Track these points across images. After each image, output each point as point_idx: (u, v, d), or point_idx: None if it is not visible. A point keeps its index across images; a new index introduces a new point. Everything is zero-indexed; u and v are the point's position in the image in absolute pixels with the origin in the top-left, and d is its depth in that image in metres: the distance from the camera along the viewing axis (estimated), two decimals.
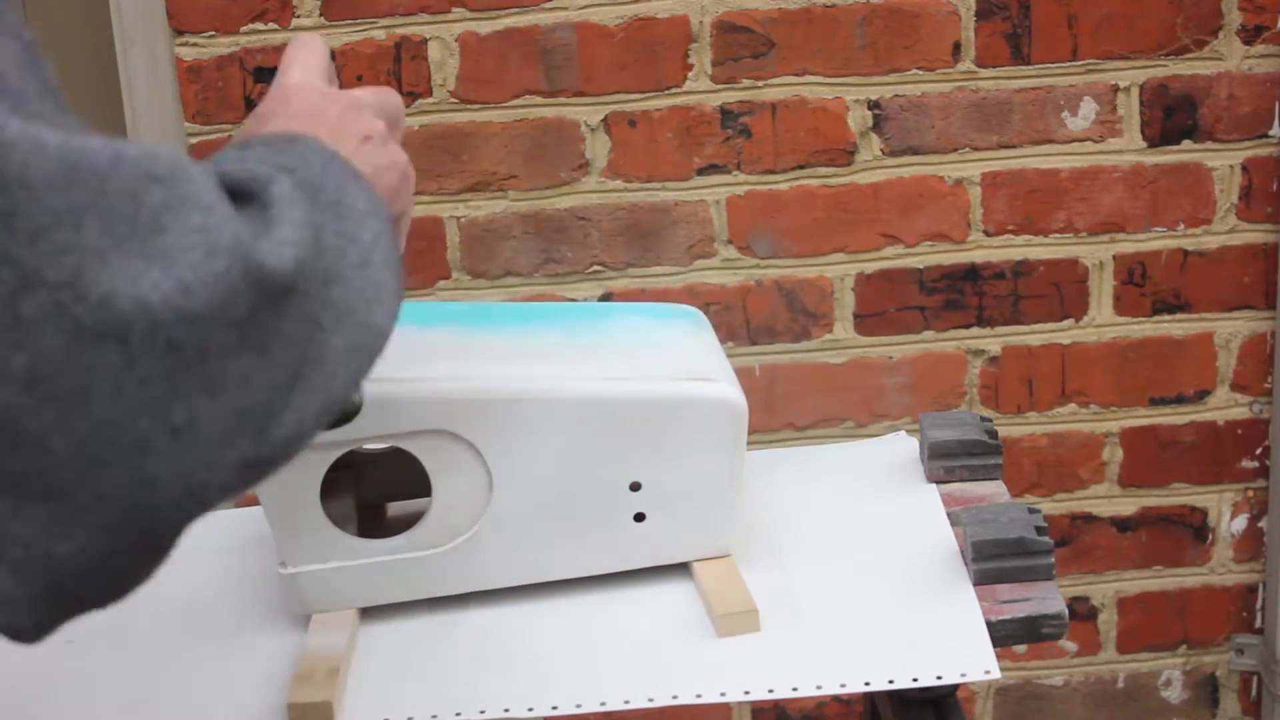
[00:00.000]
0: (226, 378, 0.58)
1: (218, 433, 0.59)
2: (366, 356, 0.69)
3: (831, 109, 1.90)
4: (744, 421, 1.14)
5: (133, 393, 0.56)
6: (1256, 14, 1.89)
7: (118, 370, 0.55)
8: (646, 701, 1.03)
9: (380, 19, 1.87)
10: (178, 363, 0.56)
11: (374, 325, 0.69)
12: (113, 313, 0.55)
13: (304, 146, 0.73)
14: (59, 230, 0.55)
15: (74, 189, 0.55)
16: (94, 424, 0.56)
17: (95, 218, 0.55)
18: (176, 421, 0.57)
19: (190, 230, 0.57)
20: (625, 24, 1.88)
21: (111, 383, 0.55)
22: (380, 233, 0.72)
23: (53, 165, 0.55)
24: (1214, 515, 2.06)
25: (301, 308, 0.63)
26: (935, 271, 1.96)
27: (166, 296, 0.56)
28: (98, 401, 0.55)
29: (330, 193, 0.70)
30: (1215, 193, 1.94)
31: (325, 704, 1.03)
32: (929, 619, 1.09)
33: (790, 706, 2.09)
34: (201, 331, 0.57)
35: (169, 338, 0.56)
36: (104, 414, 0.56)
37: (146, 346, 0.56)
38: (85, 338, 0.55)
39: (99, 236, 0.55)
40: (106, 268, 0.55)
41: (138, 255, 0.56)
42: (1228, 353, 2.00)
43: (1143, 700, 2.12)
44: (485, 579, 1.15)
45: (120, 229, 0.56)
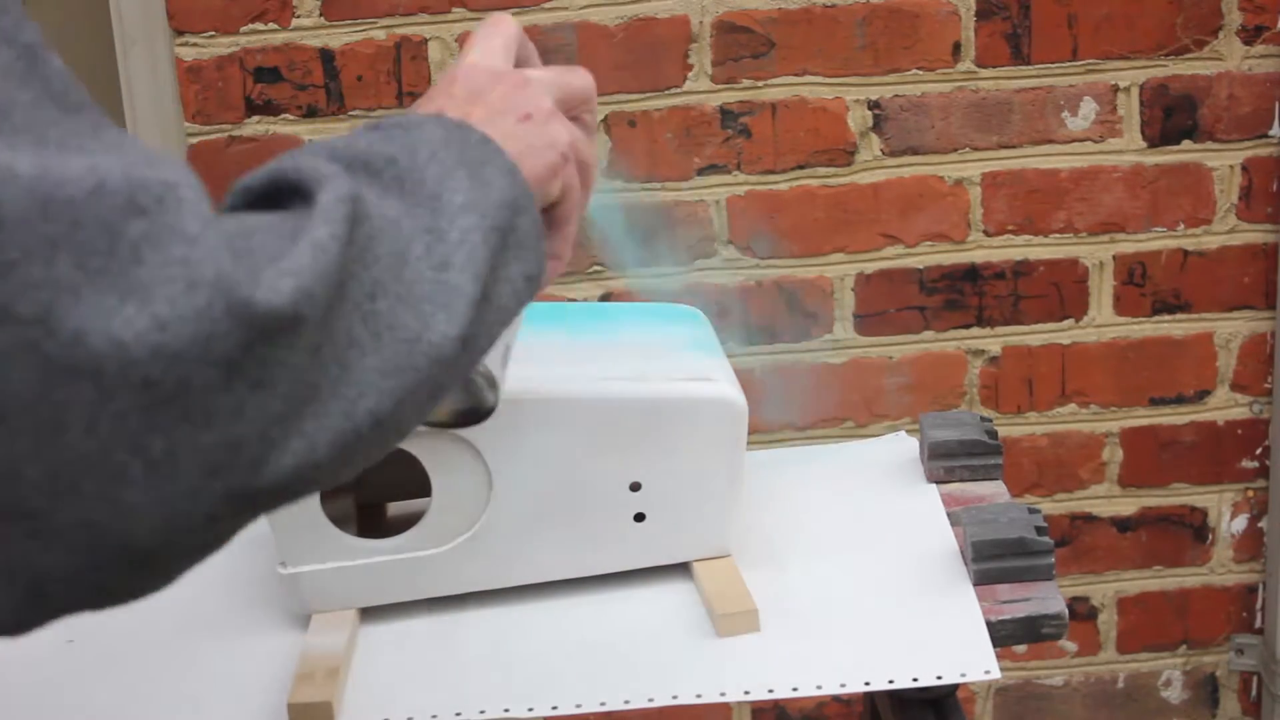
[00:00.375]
0: (213, 411, 0.56)
1: (202, 464, 0.57)
2: (411, 373, 0.64)
3: (831, 109, 1.90)
4: (744, 421, 1.14)
5: (107, 427, 0.54)
6: (1256, 14, 1.89)
7: (92, 406, 0.54)
8: (646, 701, 1.03)
9: (380, 19, 1.87)
10: (154, 399, 0.55)
11: (426, 338, 0.65)
12: (84, 350, 0.53)
13: (420, 133, 0.71)
14: (29, 265, 0.53)
15: (46, 222, 0.53)
16: (68, 456, 0.54)
17: (68, 252, 0.54)
18: (154, 454, 0.55)
19: (170, 263, 0.55)
20: (625, 24, 1.88)
21: (85, 417, 0.54)
22: (474, 229, 0.68)
23: (24, 198, 0.53)
24: (1214, 515, 2.06)
25: (313, 336, 0.60)
26: (935, 271, 1.96)
27: (140, 333, 0.54)
28: (72, 434, 0.54)
29: (429, 185, 0.68)
30: (1215, 193, 1.94)
31: (325, 704, 1.03)
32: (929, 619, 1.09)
33: (790, 706, 2.09)
34: (180, 369, 0.55)
35: (145, 375, 0.54)
36: (78, 446, 0.54)
37: (121, 383, 0.54)
38: (57, 374, 0.53)
39: (72, 271, 0.53)
40: (79, 303, 0.53)
41: (111, 290, 0.54)
42: (1228, 353, 2.00)
43: (1143, 700, 2.12)
44: (485, 579, 1.15)
45: (95, 263, 0.54)
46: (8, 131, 0.55)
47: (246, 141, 1.90)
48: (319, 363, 0.60)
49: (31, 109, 0.57)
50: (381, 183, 0.68)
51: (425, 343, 0.65)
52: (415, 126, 0.72)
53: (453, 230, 0.67)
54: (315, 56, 1.87)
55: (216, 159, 1.90)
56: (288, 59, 1.87)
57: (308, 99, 1.88)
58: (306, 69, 1.87)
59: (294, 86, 1.88)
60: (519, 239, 0.72)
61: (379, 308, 0.63)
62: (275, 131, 1.89)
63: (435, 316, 0.65)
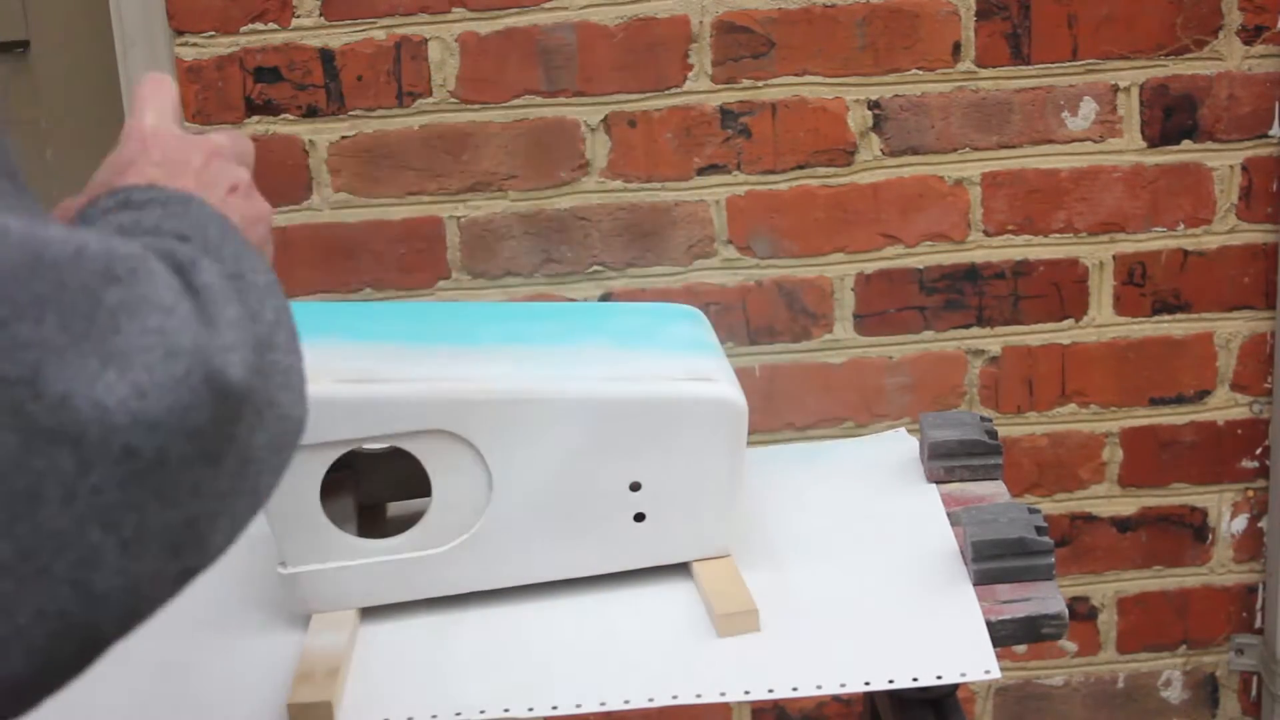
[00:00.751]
0: (180, 488, 0.56)
1: (165, 545, 0.56)
2: (288, 449, 0.65)
3: (831, 109, 1.90)
4: (744, 421, 1.14)
5: (85, 500, 0.53)
6: (1256, 14, 1.89)
7: (71, 476, 0.53)
8: (646, 701, 1.03)
9: (380, 19, 1.87)
10: (133, 471, 0.54)
11: (291, 415, 0.65)
12: (69, 414, 0.53)
13: (196, 210, 0.69)
14: (19, 323, 0.52)
15: (36, 281, 0.53)
16: (42, 533, 0.53)
17: (55, 313, 0.53)
18: (126, 533, 0.55)
19: (148, 332, 0.55)
20: (625, 24, 1.88)
21: (63, 488, 0.53)
22: (281, 309, 0.67)
23: (16, 255, 0.53)
24: (1214, 515, 2.06)
25: (249, 413, 0.60)
26: (935, 271, 1.96)
27: (122, 400, 0.54)
28: (47, 508, 0.53)
29: (230, 265, 0.66)
30: (1215, 193, 1.94)
31: (325, 704, 1.03)
32: (929, 619, 1.09)
33: (790, 706, 2.09)
34: (159, 439, 0.54)
35: (125, 444, 0.54)
36: (53, 522, 0.53)
37: (102, 452, 0.53)
38: (38, 440, 0.52)
39: (58, 332, 0.53)
40: (65, 366, 0.53)
41: (94, 355, 0.54)
42: (1228, 353, 2.00)
43: (1143, 700, 2.12)
44: (485, 579, 1.15)
45: (78, 326, 0.54)
46: None
47: None
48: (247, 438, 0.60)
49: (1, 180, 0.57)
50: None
51: (293, 420, 0.65)
52: (184, 201, 0.70)
53: (266, 310, 0.65)
54: (315, 56, 1.87)
55: None
56: (288, 59, 1.87)
57: (308, 99, 1.88)
58: (306, 69, 1.87)
59: (294, 86, 1.88)
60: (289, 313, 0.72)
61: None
62: (275, 131, 1.89)
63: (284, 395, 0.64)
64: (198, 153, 0.78)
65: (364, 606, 1.14)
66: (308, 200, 1.91)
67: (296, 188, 1.91)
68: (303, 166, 1.90)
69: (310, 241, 1.92)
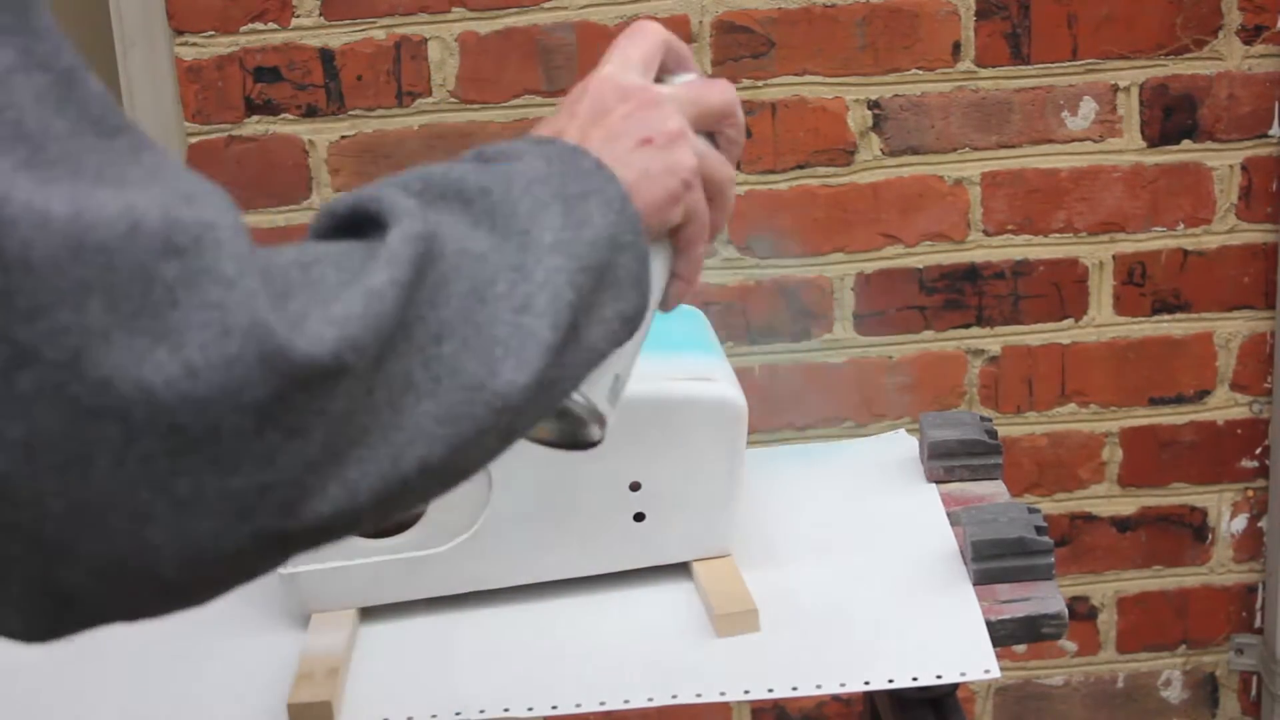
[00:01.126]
0: (242, 457, 0.55)
1: (230, 507, 0.56)
2: (469, 421, 0.63)
3: (831, 109, 1.90)
4: (744, 421, 1.14)
5: (134, 467, 0.54)
6: (1256, 14, 1.89)
7: (118, 446, 0.53)
8: (646, 701, 1.03)
9: (380, 19, 1.87)
10: (182, 443, 0.54)
11: (491, 386, 0.62)
12: (112, 395, 0.53)
13: (520, 164, 0.69)
14: (59, 310, 0.52)
15: (78, 266, 0.52)
16: (94, 492, 0.54)
17: (100, 296, 0.53)
18: (180, 495, 0.55)
19: (205, 306, 0.54)
20: (625, 24, 1.87)
21: (112, 456, 0.53)
22: (560, 270, 0.65)
23: (57, 242, 0.52)
24: (1214, 515, 2.06)
25: (361, 382, 0.58)
26: (935, 271, 1.96)
27: (170, 380, 0.53)
28: (98, 471, 0.53)
29: (520, 220, 0.65)
30: (1215, 193, 1.94)
31: (325, 704, 1.03)
32: (929, 619, 1.09)
33: (790, 706, 2.09)
34: (209, 416, 0.54)
35: (172, 422, 0.53)
36: (104, 484, 0.54)
37: (148, 428, 0.53)
38: (84, 415, 0.53)
39: (103, 315, 0.53)
40: (109, 348, 0.53)
41: (145, 333, 0.53)
42: (1227, 353, 2.00)
43: (1143, 700, 2.12)
44: (485, 579, 1.15)
45: (128, 306, 0.53)
46: (43, 165, 0.54)
47: (246, 141, 1.90)
48: (369, 407, 0.59)
49: (68, 138, 0.56)
50: (472, 214, 0.66)
51: (489, 391, 0.63)
52: (518, 156, 0.70)
53: (539, 270, 0.65)
54: (315, 56, 1.87)
55: (216, 159, 1.90)
56: (287, 59, 1.87)
57: (307, 99, 1.88)
58: (306, 69, 1.87)
59: (294, 86, 1.88)
60: (616, 277, 0.70)
61: (443, 351, 0.62)
62: (275, 131, 1.89)
63: (504, 362, 0.63)
64: (627, 103, 0.77)
65: (364, 606, 1.14)
66: (308, 200, 1.91)
67: (296, 188, 1.91)
68: (303, 166, 1.90)
69: None
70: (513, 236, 0.65)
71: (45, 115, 0.55)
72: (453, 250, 0.63)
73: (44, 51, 0.56)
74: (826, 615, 1.11)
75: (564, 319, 0.66)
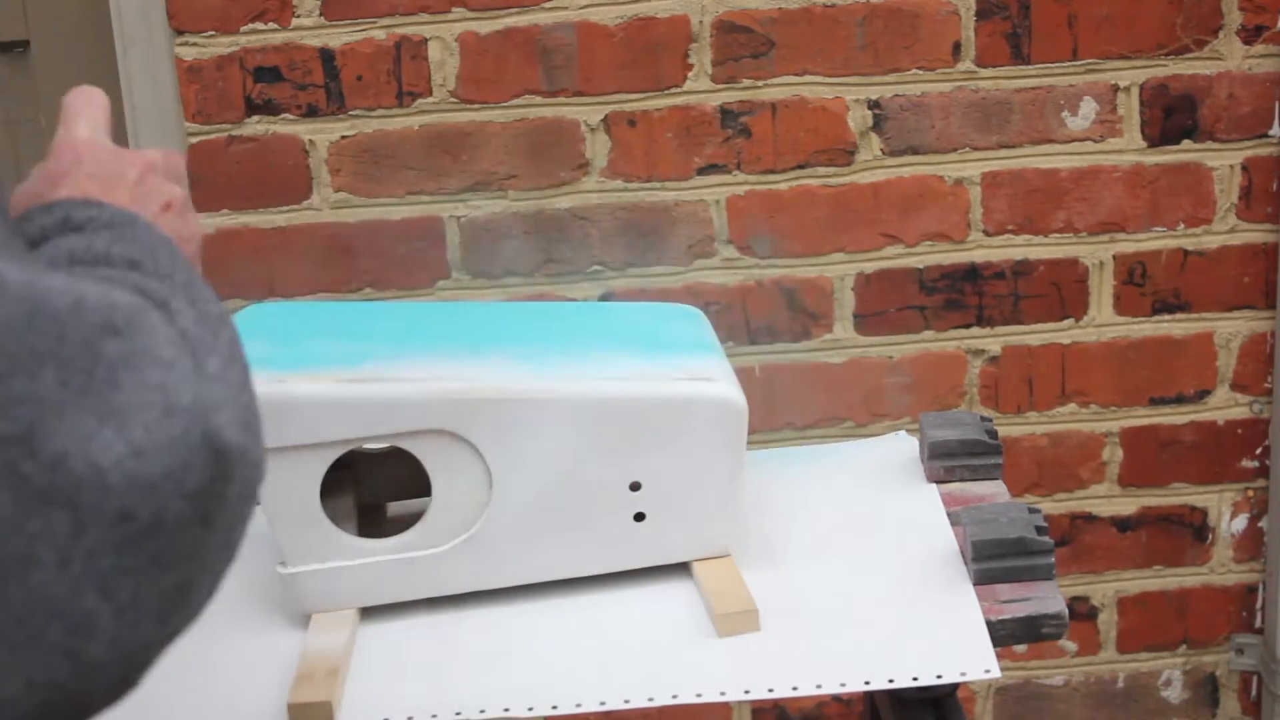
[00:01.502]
0: (176, 551, 0.54)
1: (158, 611, 0.55)
2: (255, 497, 0.62)
3: (831, 109, 1.90)
4: (744, 421, 1.14)
5: (80, 564, 0.52)
6: (1256, 14, 1.89)
7: (65, 539, 0.51)
8: (646, 701, 1.03)
9: (380, 19, 1.87)
10: (129, 534, 0.52)
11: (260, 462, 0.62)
12: (64, 474, 0.51)
13: (142, 231, 0.67)
14: (15, 378, 0.51)
15: (34, 334, 0.51)
16: (36, 598, 0.51)
17: (53, 367, 0.51)
18: (122, 599, 0.53)
19: (147, 388, 0.53)
20: (625, 24, 1.88)
21: (58, 552, 0.51)
22: (234, 340, 0.64)
23: (14, 308, 0.51)
24: (1214, 515, 2.06)
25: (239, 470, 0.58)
26: (935, 271, 1.96)
27: (118, 460, 0.52)
28: (42, 572, 0.51)
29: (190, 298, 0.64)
30: (1215, 193, 1.94)
31: (325, 704, 1.03)
32: (929, 619, 1.09)
33: (790, 706, 2.09)
34: (156, 501, 0.53)
35: (121, 506, 0.52)
36: (48, 587, 0.51)
37: (97, 515, 0.52)
38: (33, 500, 0.51)
39: (56, 388, 0.51)
40: (62, 423, 0.51)
41: (91, 412, 0.52)
42: (1228, 352, 2.00)
43: (1143, 700, 2.12)
44: (485, 579, 1.15)
45: (77, 381, 0.52)
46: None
47: (246, 141, 1.90)
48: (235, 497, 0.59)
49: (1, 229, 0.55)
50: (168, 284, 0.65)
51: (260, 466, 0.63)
52: (129, 223, 0.68)
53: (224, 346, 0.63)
54: (315, 56, 1.87)
55: (216, 159, 1.90)
56: (288, 59, 1.87)
57: (308, 99, 1.88)
58: (306, 69, 1.87)
59: (294, 86, 1.88)
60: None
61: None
62: (275, 131, 1.89)
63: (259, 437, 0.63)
64: (132, 167, 0.76)
65: (364, 606, 1.14)
66: (308, 200, 1.91)
67: (296, 188, 1.91)
68: (303, 166, 1.90)
69: (310, 241, 1.92)
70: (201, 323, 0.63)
71: None
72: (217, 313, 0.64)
73: None
74: (826, 615, 1.11)
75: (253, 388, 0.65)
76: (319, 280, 1.94)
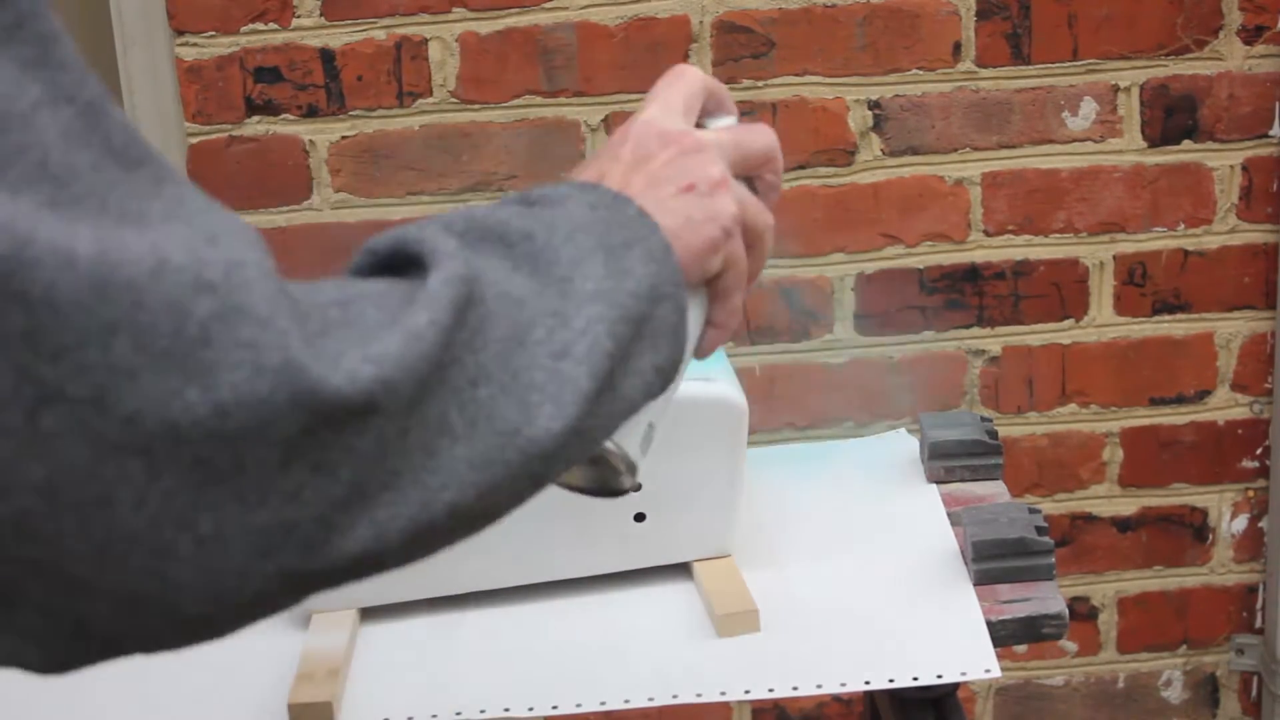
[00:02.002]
0: (267, 492, 0.55)
1: (253, 544, 0.55)
2: (502, 467, 0.62)
3: (831, 109, 1.90)
4: (744, 421, 1.14)
5: (156, 504, 0.53)
6: (1257, 14, 1.89)
7: (141, 483, 0.52)
8: (646, 701, 1.03)
9: (380, 19, 1.87)
10: (206, 477, 0.53)
11: (526, 432, 0.62)
12: (138, 432, 0.52)
13: (564, 209, 0.68)
14: (83, 350, 0.51)
15: (104, 306, 0.51)
16: (115, 531, 0.53)
17: (127, 335, 0.52)
18: (204, 531, 0.54)
19: (239, 345, 0.53)
20: (625, 24, 1.88)
21: (134, 493, 0.52)
22: (600, 320, 0.65)
23: (82, 283, 0.51)
24: (1214, 515, 2.06)
25: (394, 423, 0.57)
26: (935, 271, 1.96)
27: (199, 419, 0.52)
28: (119, 510, 0.53)
29: (562, 267, 0.65)
30: (1215, 193, 1.94)
31: (325, 704, 1.03)
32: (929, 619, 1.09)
33: (790, 706, 2.09)
34: (235, 450, 0.53)
35: (196, 455, 0.53)
36: (125, 523, 0.53)
37: (172, 463, 0.53)
38: (108, 452, 0.52)
39: (131, 354, 0.52)
40: (135, 386, 0.52)
41: (176, 371, 0.52)
42: (1228, 353, 2.00)
43: (1143, 700, 2.12)
44: (485, 579, 1.15)
45: (158, 345, 0.52)
46: (67, 203, 0.53)
47: (247, 141, 1.90)
48: (402, 449, 0.58)
49: (92, 173, 0.55)
50: (514, 258, 0.66)
51: (523, 437, 0.63)
52: (562, 201, 0.69)
53: (578, 318, 0.64)
54: (315, 56, 1.87)
55: (217, 159, 1.90)
56: (288, 59, 1.87)
57: (308, 99, 1.88)
58: (307, 69, 1.87)
59: (294, 86, 1.88)
60: (654, 328, 0.69)
61: (479, 395, 0.61)
62: (275, 131, 1.89)
63: (541, 408, 0.63)
64: (670, 149, 0.76)
65: (364, 606, 1.14)
66: (308, 200, 1.91)
67: (296, 188, 1.91)
68: (303, 166, 1.90)
69: (310, 241, 1.92)
70: (554, 283, 0.65)
71: (70, 151, 0.54)
72: (493, 294, 0.63)
73: (69, 84, 0.55)
74: (827, 615, 1.11)
75: (602, 368, 0.65)
76: None
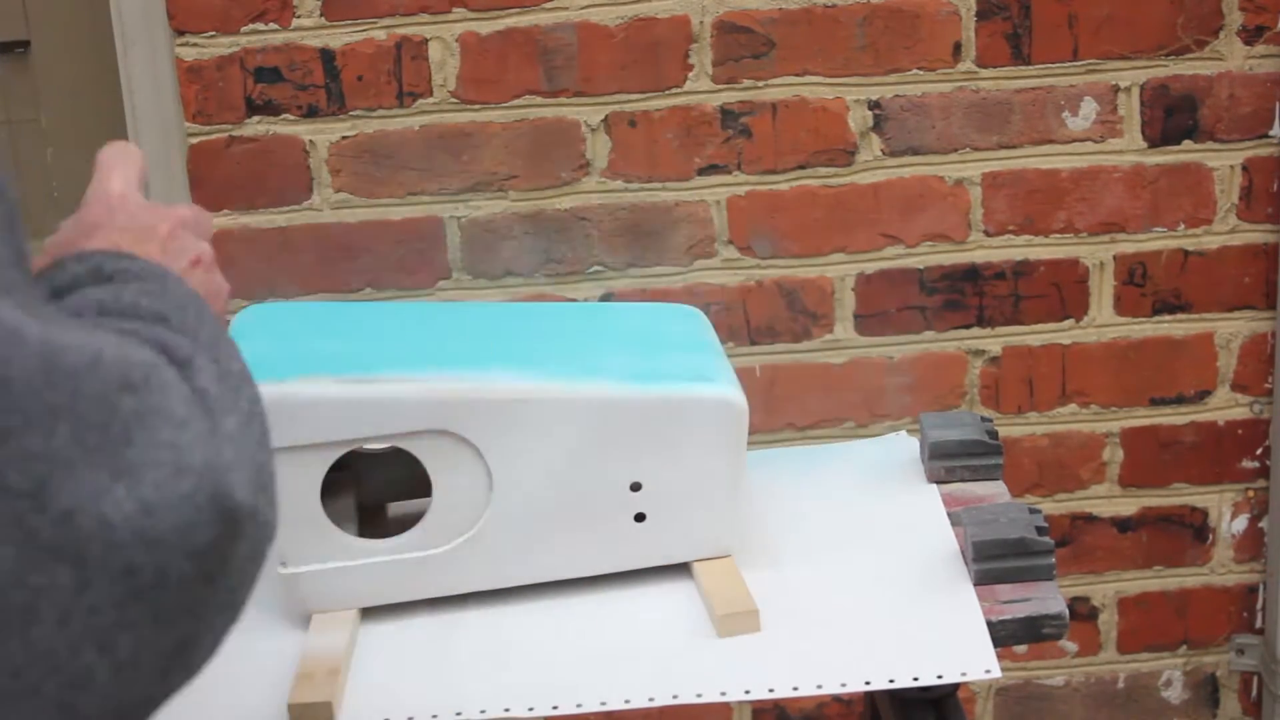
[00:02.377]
0: (177, 608, 0.54)
1: (156, 668, 0.55)
2: (263, 557, 0.62)
3: (832, 109, 1.90)
4: (744, 421, 1.14)
5: (81, 620, 0.52)
6: (1257, 14, 1.89)
7: (68, 594, 0.51)
8: (647, 701, 1.03)
9: (381, 19, 1.87)
10: (132, 590, 0.53)
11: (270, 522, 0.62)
12: (72, 530, 0.51)
13: (172, 286, 0.68)
14: (29, 434, 0.51)
15: (50, 390, 0.51)
16: (34, 652, 0.51)
17: (68, 424, 0.52)
18: (121, 655, 0.53)
19: (160, 446, 0.54)
20: (625, 24, 1.88)
21: (59, 608, 0.51)
22: (255, 399, 0.64)
23: (32, 363, 0.51)
24: (1214, 515, 2.06)
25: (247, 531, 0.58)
26: (935, 271, 1.96)
27: (128, 516, 0.52)
28: (42, 626, 0.51)
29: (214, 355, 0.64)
30: (1215, 193, 1.94)
31: (325, 704, 1.03)
32: (929, 619, 1.09)
33: (790, 706, 2.09)
34: (161, 557, 0.53)
35: (127, 561, 0.52)
36: (46, 641, 0.51)
37: (102, 570, 0.52)
38: (39, 554, 0.51)
39: (70, 444, 0.51)
40: (74, 479, 0.51)
41: (104, 468, 0.52)
42: (1228, 353, 2.00)
43: (1143, 700, 2.12)
44: (485, 579, 1.15)
45: (91, 438, 0.52)
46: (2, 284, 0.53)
47: (247, 141, 1.90)
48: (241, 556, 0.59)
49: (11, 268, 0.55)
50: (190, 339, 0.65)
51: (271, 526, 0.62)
52: (160, 277, 0.68)
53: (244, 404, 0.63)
54: (315, 56, 1.87)
55: (217, 159, 1.90)
56: (288, 59, 1.87)
57: (308, 99, 1.88)
58: (307, 69, 1.87)
59: (294, 86, 1.88)
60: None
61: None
62: (276, 131, 1.89)
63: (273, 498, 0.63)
64: (163, 222, 0.77)
65: (364, 606, 1.14)
66: (308, 200, 1.91)
67: (296, 188, 1.91)
68: (303, 166, 1.90)
69: (310, 241, 1.92)
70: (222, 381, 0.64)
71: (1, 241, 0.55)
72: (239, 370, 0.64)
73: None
74: (827, 615, 1.11)
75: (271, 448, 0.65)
76: (319, 280, 1.94)
